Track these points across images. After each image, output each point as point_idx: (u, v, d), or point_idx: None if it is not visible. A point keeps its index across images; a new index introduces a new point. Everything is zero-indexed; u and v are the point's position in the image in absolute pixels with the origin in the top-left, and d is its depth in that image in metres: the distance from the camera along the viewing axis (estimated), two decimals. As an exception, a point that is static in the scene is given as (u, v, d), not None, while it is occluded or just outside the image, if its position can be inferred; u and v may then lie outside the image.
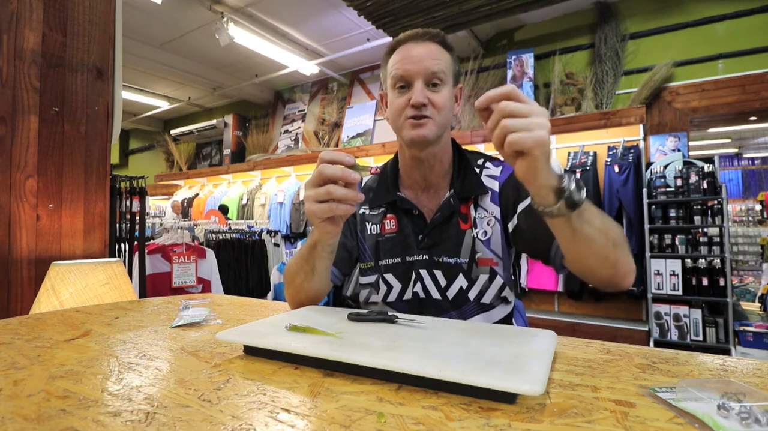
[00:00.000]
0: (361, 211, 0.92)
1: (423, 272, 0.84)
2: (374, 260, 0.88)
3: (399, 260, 0.85)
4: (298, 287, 0.79)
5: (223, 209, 4.57)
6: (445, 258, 0.83)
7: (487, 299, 0.82)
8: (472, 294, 0.82)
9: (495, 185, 0.85)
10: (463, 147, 0.93)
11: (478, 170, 0.88)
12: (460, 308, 0.82)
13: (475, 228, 0.83)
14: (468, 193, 0.84)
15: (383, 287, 0.86)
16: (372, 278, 0.88)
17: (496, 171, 0.87)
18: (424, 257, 0.84)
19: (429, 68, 0.78)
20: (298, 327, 0.56)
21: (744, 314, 3.03)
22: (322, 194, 0.61)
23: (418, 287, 0.83)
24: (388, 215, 0.88)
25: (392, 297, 0.85)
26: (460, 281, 0.82)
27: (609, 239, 0.61)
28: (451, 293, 0.82)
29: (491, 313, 0.83)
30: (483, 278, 0.82)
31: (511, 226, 0.81)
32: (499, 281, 0.82)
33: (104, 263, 1.34)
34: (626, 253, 0.64)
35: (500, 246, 0.82)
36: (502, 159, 0.90)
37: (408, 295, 0.84)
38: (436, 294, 0.83)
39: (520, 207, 0.79)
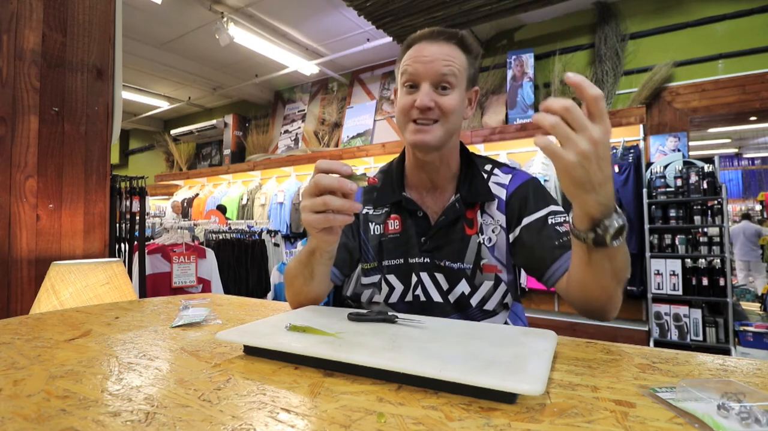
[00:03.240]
0: (364, 211, 0.91)
1: (424, 275, 0.83)
2: (377, 261, 0.87)
3: (401, 261, 0.84)
4: (298, 290, 0.79)
5: (221, 209, 4.57)
6: (447, 263, 0.81)
7: (490, 306, 0.81)
8: (474, 301, 0.80)
9: (502, 193, 0.83)
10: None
11: (485, 176, 0.86)
12: (463, 311, 0.81)
13: (482, 234, 0.82)
14: (474, 199, 0.83)
15: (385, 288, 0.85)
16: (375, 279, 0.87)
17: (505, 179, 0.85)
18: (425, 260, 0.83)
19: (438, 70, 0.75)
20: (298, 327, 0.56)
21: (744, 314, 3.04)
22: (319, 205, 0.60)
23: (419, 291, 0.82)
24: (392, 216, 0.87)
25: (394, 299, 0.84)
26: (463, 287, 0.81)
27: (617, 278, 0.61)
28: (453, 296, 0.81)
29: (494, 319, 0.82)
30: (487, 284, 0.80)
31: (512, 237, 0.80)
32: (503, 288, 0.81)
33: (104, 263, 1.34)
34: (621, 290, 0.65)
35: (504, 254, 0.82)
36: (510, 166, 0.89)
37: (409, 297, 0.83)
38: (437, 297, 0.81)
39: (525, 221, 0.78)
